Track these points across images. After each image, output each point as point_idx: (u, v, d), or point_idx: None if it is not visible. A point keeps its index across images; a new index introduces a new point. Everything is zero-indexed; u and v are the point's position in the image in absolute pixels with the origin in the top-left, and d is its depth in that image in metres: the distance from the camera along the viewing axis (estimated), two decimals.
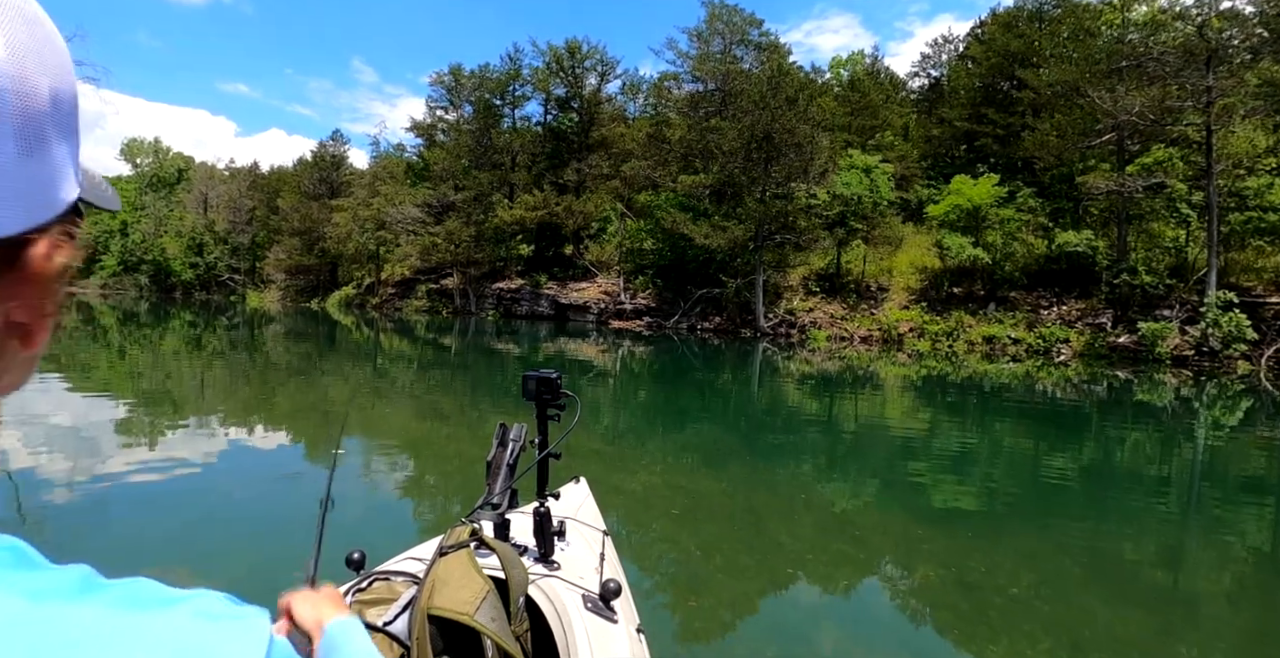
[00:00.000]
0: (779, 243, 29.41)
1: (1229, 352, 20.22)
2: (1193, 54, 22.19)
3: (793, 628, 3.89)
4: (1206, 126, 22.01)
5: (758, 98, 27.92)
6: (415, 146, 50.78)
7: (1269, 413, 14.04)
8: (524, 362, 19.44)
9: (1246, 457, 10.18)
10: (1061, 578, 4.89)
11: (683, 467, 7.66)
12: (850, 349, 24.30)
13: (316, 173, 52.79)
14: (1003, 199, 27.00)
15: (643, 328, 31.51)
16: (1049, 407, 13.97)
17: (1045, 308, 25.11)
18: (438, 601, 1.35)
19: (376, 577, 1.67)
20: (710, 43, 34.32)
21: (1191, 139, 23.49)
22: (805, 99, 28.66)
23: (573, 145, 40.28)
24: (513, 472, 2.13)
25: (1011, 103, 33.05)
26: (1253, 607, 4.78)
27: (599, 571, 2.01)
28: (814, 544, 5.43)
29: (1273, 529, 6.72)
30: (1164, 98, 22.16)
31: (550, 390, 2.19)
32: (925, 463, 8.83)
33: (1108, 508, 7.05)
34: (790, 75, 30.71)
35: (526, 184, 39.09)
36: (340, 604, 0.94)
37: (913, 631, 3.98)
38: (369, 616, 1.51)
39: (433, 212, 41.09)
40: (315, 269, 51.20)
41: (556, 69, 39.99)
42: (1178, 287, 22.83)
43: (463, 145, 40.80)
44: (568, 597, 1.73)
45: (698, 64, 33.76)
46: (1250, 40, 22.64)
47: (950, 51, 43.35)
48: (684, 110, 34.15)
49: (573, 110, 40.67)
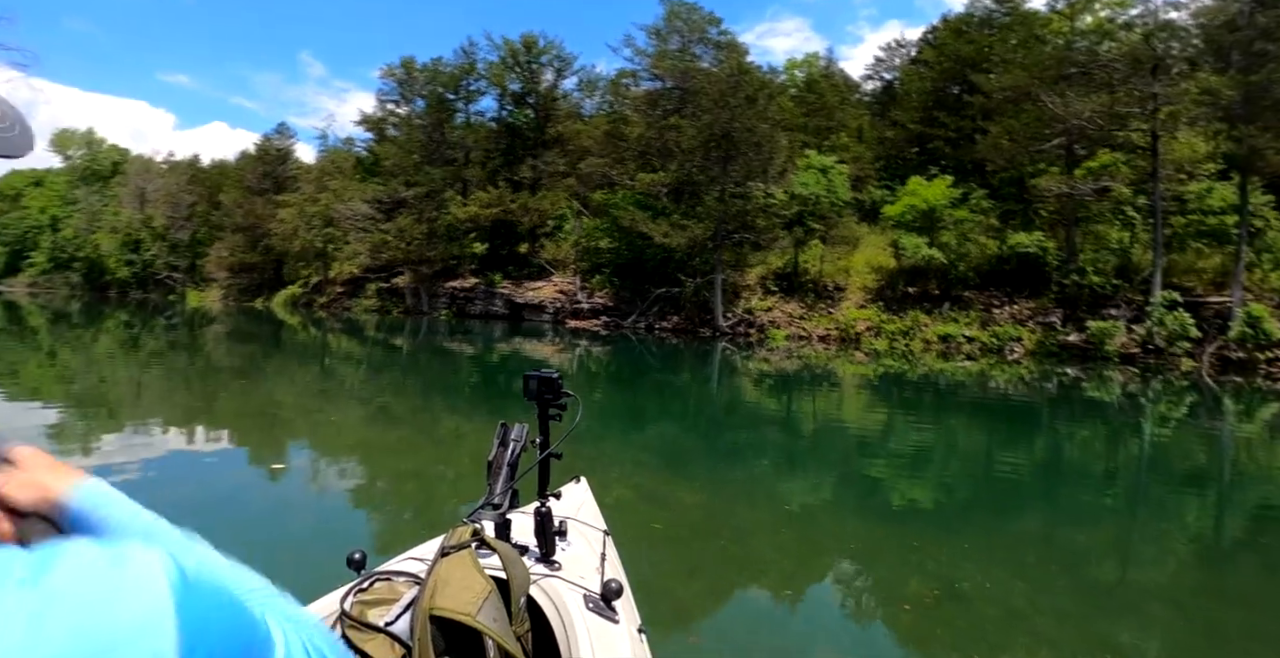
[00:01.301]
0: (737, 242, 29.68)
1: (1173, 349, 21.08)
2: (1139, 62, 23.13)
3: (776, 624, 3.92)
4: (1152, 133, 22.93)
5: (717, 96, 28.10)
6: (365, 141, 49.77)
7: (1210, 408, 14.72)
8: (478, 362, 19.25)
9: (1189, 449, 10.66)
10: (1015, 568, 5.05)
11: (643, 468, 7.61)
12: (809, 348, 24.65)
13: (261, 167, 51.35)
14: (957, 200, 27.70)
15: (600, 328, 31.44)
16: (1002, 404, 14.39)
17: (998, 307, 25.87)
18: (439, 601, 1.37)
19: (378, 577, 1.67)
20: (668, 40, 34.42)
21: (1136, 144, 24.47)
22: (765, 98, 28.99)
23: (528, 142, 39.98)
24: (514, 472, 2.14)
25: (963, 106, 33.93)
26: (1193, 592, 4.99)
27: (600, 571, 2.02)
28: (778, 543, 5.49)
29: (1214, 517, 7.05)
30: (1112, 104, 23.03)
31: (551, 390, 2.24)
32: (883, 459, 9.02)
33: (1059, 500, 7.30)
34: (750, 74, 31.01)
35: (481, 181, 38.65)
36: (62, 468, 0.77)
37: (881, 628, 4.02)
38: (370, 616, 1.50)
39: (383, 208, 40.34)
40: (259, 267, 49.77)
41: (512, 64, 39.64)
42: (1124, 287, 23.73)
43: (415, 140, 40.13)
44: (569, 597, 1.74)
45: (656, 61, 33.84)
46: (1188, 51, 23.73)
47: (903, 56, 44.34)
48: (642, 108, 34.18)
49: (528, 106, 40.38)
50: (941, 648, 3.75)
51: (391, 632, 1.44)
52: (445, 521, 5.61)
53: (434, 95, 40.93)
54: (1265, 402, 15.34)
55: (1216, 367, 20.30)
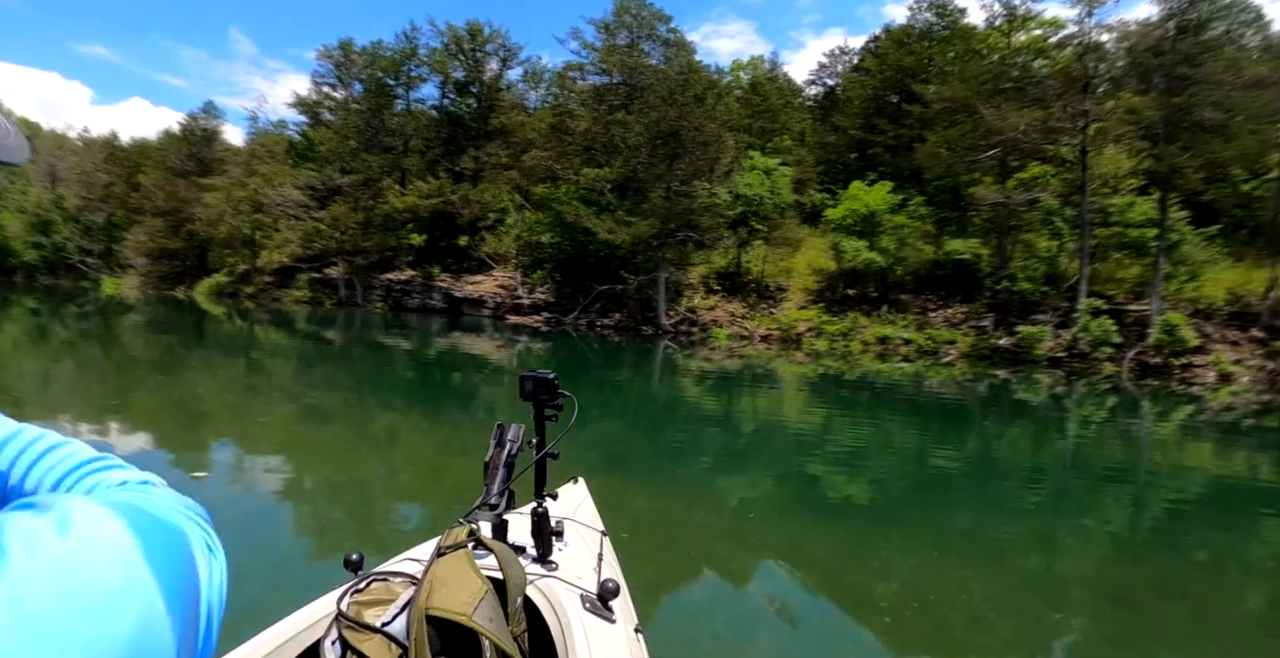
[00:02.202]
0: (681, 241, 29.82)
1: (1096, 354, 22.14)
2: (1072, 80, 24.28)
3: (723, 623, 3.91)
4: (1082, 148, 24.08)
5: (665, 94, 28.16)
6: (298, 125, 48.01)
7: (1129, 409, 15.48)
8: (415, 357, 18.82)
9: (1109, 448, 11.17)
10: (943, 562, 5.17)
11: (579, 466, 7.56)
12: (750, 348, 24.94)
13: (185, 147, 49.04)
14: (896, 206, 28.52)
15: (541, 324, 31.14)
16: (936, 404, 14.82)
17: (933, 311, 26.70)
18: (436, 601, 1.39)
19: (374, 578, 1.66)
20: (617, 35, 34.33)
21: (1065, 158, 25.64)
22: (714, 97, 29.20)
23: (470, 132, 39.28)
24: (510, 472, 2.14)
25: (902, 115, 34.93)
26: (1112, 582, 5.23)
27: (597, 571, 2.04)
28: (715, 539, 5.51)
29: (1131, 512, 7.39)
30: (1046, 119, 24.09)
31: (547, 391, 2.26)
32: (822, 457, 9.15)
33: (988, 497, 7.53)
34: (699, 73, 31.20)
35: (420, 170, 37.77)
36: None
37: (819, 620, 4.07)
38: (367, 616, 1.49)
39: (317, 195, 39.04)
40: (182, 254, 47.47)
41: (455, 51, 38.86)
42: (1051, 294, 24.83)
43: (351, 126, 38.95)
44: (566, 597, 1.75)
45: (604, 56, 33.71)
46: (1113, 72, 25.03)
47: (845, 63, 45.46)
48: (588, 102, 34.03)
49: (471, 96, 39.66)
50: (892, 640, 3.79)
51: (388, 632, 1.44)
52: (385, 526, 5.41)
53: (373, 80, 39.83)
54: (1179, 405, 16.21)
55: (1136, 371, 21.40)
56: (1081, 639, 4.15)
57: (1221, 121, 22.86)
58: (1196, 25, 23.30)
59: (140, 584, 0.43)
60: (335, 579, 1.68)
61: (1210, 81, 22.48)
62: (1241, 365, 20.79)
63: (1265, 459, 10.82)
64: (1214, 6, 23.44)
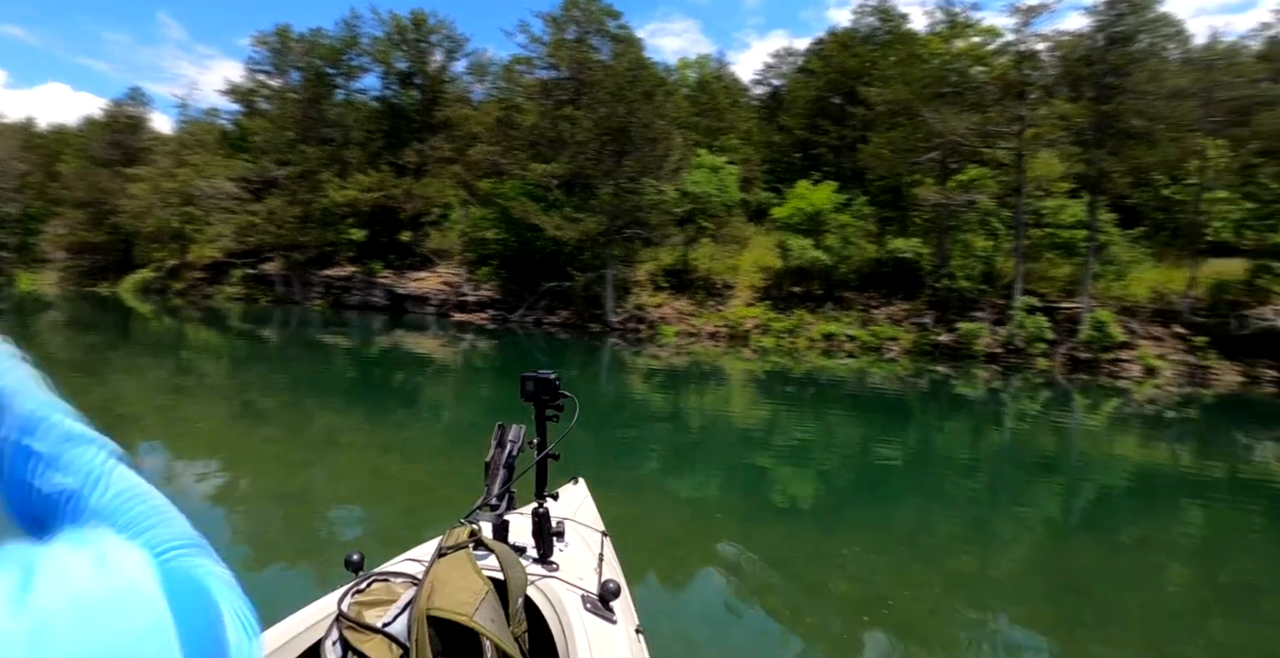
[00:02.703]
0: (628, 238, 29.82)
1: (1031, 350, 23.05)
2: (1009, 86, 25.21)
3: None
4: (1018, 152, 25.01)
5: (614, 89, 28.09)
6: (232, 114, 46.36)
7: (1061, 402, 16.12)
8: (355, 356, 18.34)
9: (1042, 440, 11.60)
10: (885, 552, 5.29)
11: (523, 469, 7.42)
12: (698, 345, 25.10)
13: (109, 135, 46.79)
14: (841, 205, 29.10)
15: (486, 321, 30.74)
16: (879, 399, 15.16)
17: (876, 308, 27.34)
18: (436, 601, 1.39)
19: (375, 578, 1.67)
20: (565, 29, 34.10)
21: (1002, 161, 26.59)
22: (663, 94, 29.25)
23: (413, 124, 38.47)
24: (511, 473, 2.15)
25: (846, 116, 35.65)
26: (1044, 567, 5.44)
27: (598, 571, 2.05)
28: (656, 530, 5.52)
29: (1062, 501, 7.69)
30: (984, 123, 24.95)
31: (548, 391, 2.27)
32: (769, 452, 9.25)
33: (927, 488, 7.74)
34: (648, 69, 31.23)
35: (361, 163, 36.83)
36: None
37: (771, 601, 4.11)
38: (368, 617, 1.50)
39: (251, 187, 37.72)
40: (105, 248, 45.32)
41: (399, 41, 37.98)
42: (989, 292, 25.72)
43: (288, 115, 37.74)
44: (567, 598, 1.76)
45: (552, 50, 33.46)
46: (1045, 79, 26.07)
47: (791, 64, 46.16)
48: (535, 96, 33.74)
49: (415, 87, 38.82)
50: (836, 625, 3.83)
51: (389, 633, 1.45)
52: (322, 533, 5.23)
53: (311, 68, 38.65)
54: (1108, 397, 16.96)
55: (1068, 366, 22.33)
56: (1022, 622, 4.27)
57: (1145, 129, 24.08)
58: (1124, 37, 24.42)
59: (162, 639, 0.42)
60: (336, 580, 1.68)
61: (1136, 91, 23.65)
62: (1164, 360, 21.90)
63: (1185, 448, 11.40)
64: (1140, 20, 24.62)
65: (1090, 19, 25.14)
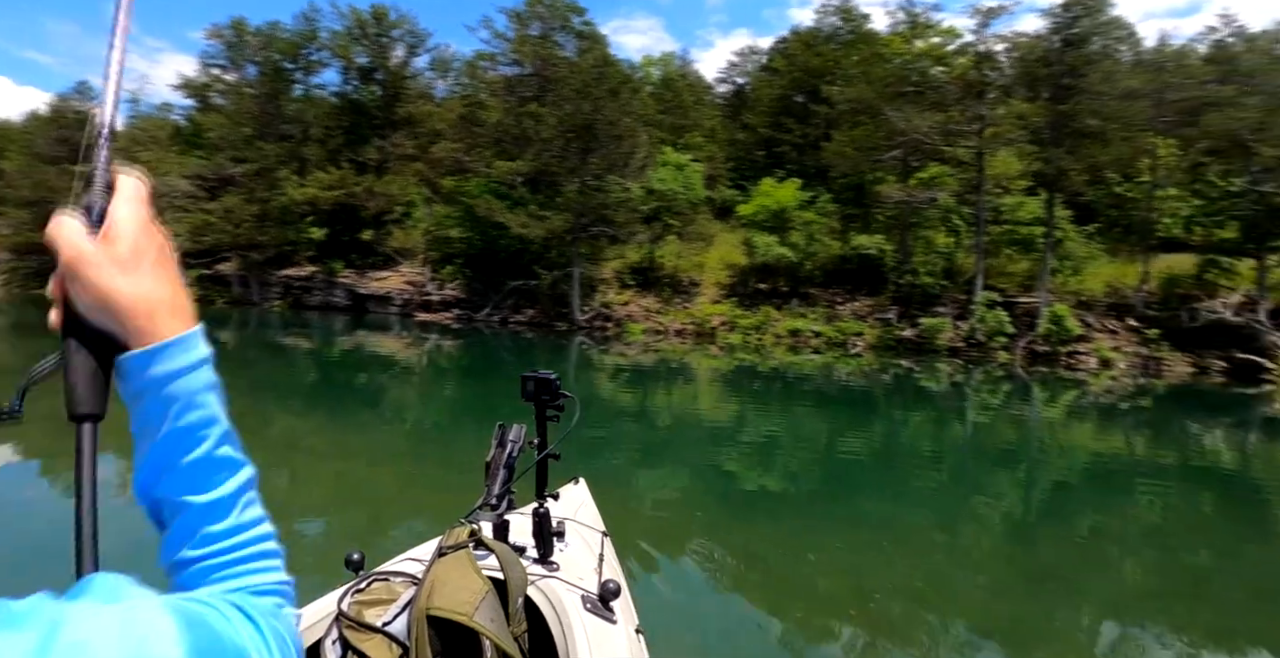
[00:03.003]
0: (594, 235, 29.74)
1: (992, 343, 23.60)
2: (970, 86, 25.73)
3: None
4: (978, 150, 25.53)
5: (580, 86, 27.97)
6: (185, 109, 45.18)
7: (1021, 394, 16.50)
8: (316, 358, 18.03)
9: (1004, 431, 11.87)
10: (864, 546, 5.37)
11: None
12: (665, 342, 25.16)
13: (55, 131, 45.11)
14: (805, 202, 29.41)
15: (451, 321, 30.42)
16: (845, 394, 15.36)
17: (841, 304, 27.70)
18: (436, 601, 1.40)
19: (376, 577, 1.69)
20: (529, 25, 33.90)
21: (962, 159, 27.13)
22: (629, 91, 29.22)
23: (375, 121, 37.88)
24: (511, 473, 2.17)
25: (809, 115, 36.07)
26: (1005, 553, 5.57)
27: (598, 571, 2.06)
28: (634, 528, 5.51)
29: (1022, 489, 7.87)
30: (946, 122, 25.43)
31: (549, 391, 2.29)
32: (737, 447, 9.30)
33: (893, 479, 7.86)
34: (614, 66, 31.17)
35: (321, 160, 36.13)
36: (164, 286, 0.57)
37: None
38: (368, 616, 1.51)
39: (207, 185, 36.79)
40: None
41: (359, 35, 37.34)
42: (950, 287, 26.22)
43: (245, 111, 36.88)
44: (567, 598, 1.76)
45: (517, 46, 33.23)
46: (1003, 79, 26.67)
47: (755, 62, 46.52)
48: (499, 93, 33.48)
49: (376, 83, 38.22)
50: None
51: (389, 632, 1.46)
52: None
53: (269, 63, 37.81)
54: (1066, 389, 17.40)
55: (1027, 359, 22.87)
56: (986, 602, 4.36)
57: (1099, 128, 24.79)
58: (1079, 39, 25.10)
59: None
60: (336, 579, 1.67)
61: (1091, 91, 24.32)
62: (1119, 352, 22.57)
63: (1139, 437, 11.75)
64: (1093, 23, 25.33)
65: (1047, 21, 25.82)
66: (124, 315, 0.54)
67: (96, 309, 0.54)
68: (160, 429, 0.57)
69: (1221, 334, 21.99)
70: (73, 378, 0.56)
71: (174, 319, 0.57)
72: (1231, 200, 23.26)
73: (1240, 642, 4.13)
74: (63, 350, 0.56)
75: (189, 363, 0.57)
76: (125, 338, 0.55)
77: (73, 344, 0.56)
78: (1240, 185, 22.95)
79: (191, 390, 0.57)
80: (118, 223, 0.56)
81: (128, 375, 0.56)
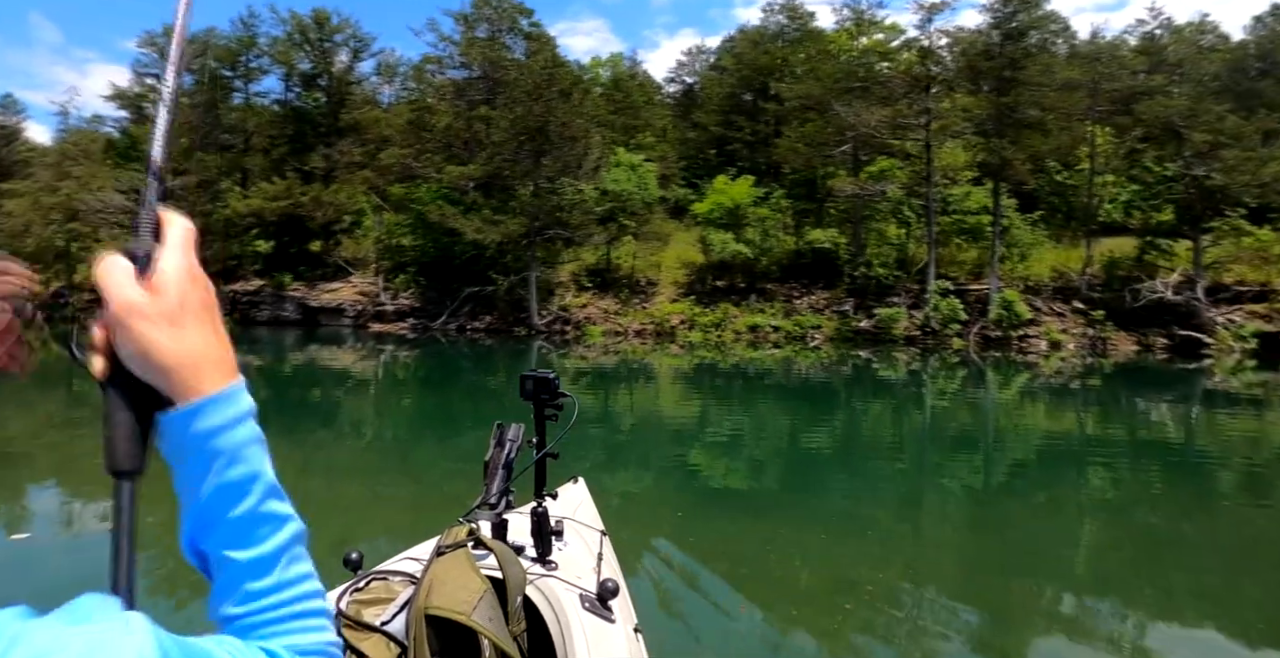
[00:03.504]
0: (549, 238, 29.62)
1: (946, 331, 24.24)
2: (916, 80, 26.37)
3: None
4: (926, 143, 26.15)
5: (531, 88, 27.84)
6: (118, 121, 43.78)
7: (976, 380, 16.91)
8: (267, 374, 17.46)
9: (960, 415, 12.14)
10: (845, 538, 5.44)
11: (459, 478, 7.15)
12: (625, 344, 25.17)
13: None
14: (759, 199, 29.76)
15: (407, 330, 30.01)
16: (805, 386, 15.56)
17: (798, 298, 28.09)
18: (435, 600, 1.40)
19: (374, 577, 1.70)
20: (476, 28, 33.69)
21: (910, 152, 27.77)
22: (580, 92, 29.18)
23: (320, 128, 37.21)
24: (510, 472, 2.18)
25: (759, 112, 36.56)
26: (965, 534, 5.73)
27: (597, 571, 2.06)
28: None
29: (981, 472, 8.06)
30: (895, 116, 25.99)
31: (547, 391, 2.31)
32: (700, 443, 9.34)
33: (856, 468, 7.99)
34: (564, 67, 31.12)
35: (264, 170, 35.42)
36: (209, 339, 0.56)
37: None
38: (366, 615, 1.52)
39: None
40: None
41: (301, 41, 36.67)
42: (903, 278, 26.80)
43: (182, 122, 35.89)
44: (565, 597, 1.77)
45: (464, 49, 32.97)
46: (947, 74, 27.41)
47: (703, 61, 47.04)
48: (448, 97, 33.17)
49: (319, 89, 37.58)
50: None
51: (387, 631, 1.47)
52: None
53: (206, 71, 36.87)
54: (1018, 372, 17.90)
55: (980, 344, 23.51)
56: (965, 582, 4.47)
57: (1039, 119, 25.60)
58: (1018, 33, 25.92)
59: None
60: (334, 578, 1.64)
61: (1031, 83, 25.11)
62: (1067, 334, 23.37)
63: (1090, 415, 12.14)
64: (1030, 17, 26.19)
65: (987, 16, 26.61)
66: (167, 370, 0.53)
67: (140, 361, 0.53)
68: (203, 485, 0.55)
69: (1163, 313, 22.90)
70: (113, 433, 0.54)
71: (217, 373, 0.56)
72: (1167, 185, 24.24)
73: (1195, 599, 4.31)
74: (104, 400, 0.55)
75: (232, 418, 0.56)
76: (168, 391, 0.54)
77: (115, 397, 0.55)
78: (1174, 170, 23.91)
79: (235, 445, 0.56)
80: (166, 272, 0.54)
81: (170, 432, 0.55)
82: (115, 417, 0.54)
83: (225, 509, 0.56)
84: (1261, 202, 23.42)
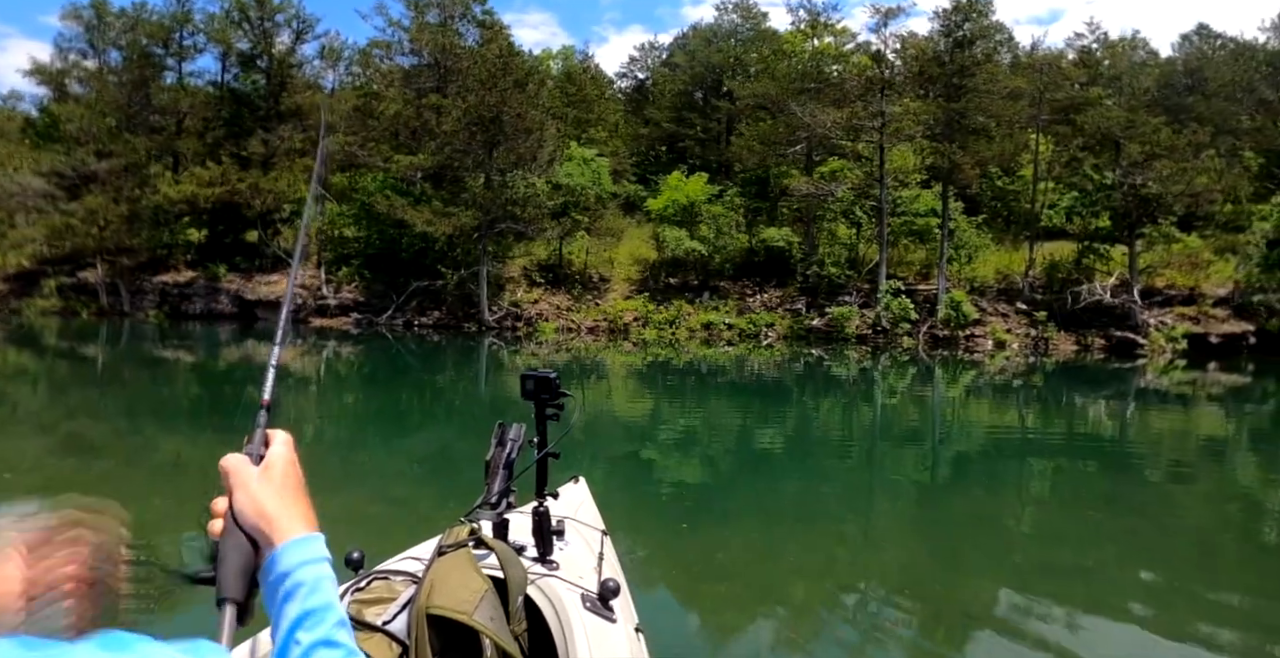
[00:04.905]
0: (501, 232, 29.47)
1: (897, 330, 25.22)
2: (871, 83, 27.20)
3: None
4: (879, 145, 27.00)
5: (485, 77, 27.59)
6: (37, 98, 41.73)
7: (924, 378, 17.66)
8: (200, 372, 16.96)
9: (909, 411, 12.73)
10: (773, 525, 5.73)
11: (402, 480, 7.19)
12: (578, 340, 25.33)
13: None
14: (713, 196, 30.23)
15: (350, 326, 29.48)
16: (758, 384, 16.01)
17: (751, 296, 28.70)
18: (436, 600, 1.43)
19: (375, 576, 1.72)
20: (426, 13, 33.25)
21: (862, 154, 28.64)
22: (536, 83, 29.05)
23: (259, 112, 36.10)
24: (511, 472, 2.21)
25: (712, 109, 37.10)
26: (915, 525, 6.11)
27: (598, 570, 2.09)
28: None
29: (929, 466, 8.54)
30: (849, 118, 26.76)
31: (548, 390, 2.31)
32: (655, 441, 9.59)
33: (809, 464, 8.38)
34: (519, 57, 30.97)
35: (198, 154, 34.19)
36: (302, 503, 0.79)
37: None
38: (368, 615, 1.55)
39: (65, 183, 34.10)
40: None
41: (239, 19, 35.48)
42: (855, 277, 27.65)
43: (108, 100, 34.37)
44: (566, 596, 1.79)
45: (414, 34, 32.50)
46: (897, 78, 28.34)
47: (655, 57, 47.40)
48: (397, 83, 32.67)
49: (259, 71, 36.47)
50: None
51: (389, 631, 1.50)
52: None
53: (135, 47, 35.37)
54: (965, 370, 18.77)
55: (929, 343, 24.51)
56: (969, 581, 4.79)
57: (985, 125, 26.80)
58: (967, 41, 27.01)
59: None
60: (335, 578, 1.73)
61: (978, 90, 26.23)
62: (1011, 334, 24.60)
63: (1032, 411, 12.88)
64: (977, 26, 27.30)
65: (936, 22, 27.65)
66: (269, 520, 0.75)
67: (250, 515, 0.75)
68: (289, 608, 0.72)
69: (1101, 314, 24.31)
70: (223, 568, 0.74)
71: (304, 524, 0.77)
72: (1105, 192, 25.56)
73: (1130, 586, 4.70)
74: (218, 549, 0.76)
75: (314, 556, 0.75)
76: (268, 535, 0.75)
77: (228, 543, 0.75)
78: (1113, 178, 25.25)
79: (316, 578, 0.73)
80: (273, 459, 0.81)
81: (269, 568, 0.74)
82: (228, 556, 0.74)
83: (307, 631, 0.71)
84: (1190, 210, 25.20)
